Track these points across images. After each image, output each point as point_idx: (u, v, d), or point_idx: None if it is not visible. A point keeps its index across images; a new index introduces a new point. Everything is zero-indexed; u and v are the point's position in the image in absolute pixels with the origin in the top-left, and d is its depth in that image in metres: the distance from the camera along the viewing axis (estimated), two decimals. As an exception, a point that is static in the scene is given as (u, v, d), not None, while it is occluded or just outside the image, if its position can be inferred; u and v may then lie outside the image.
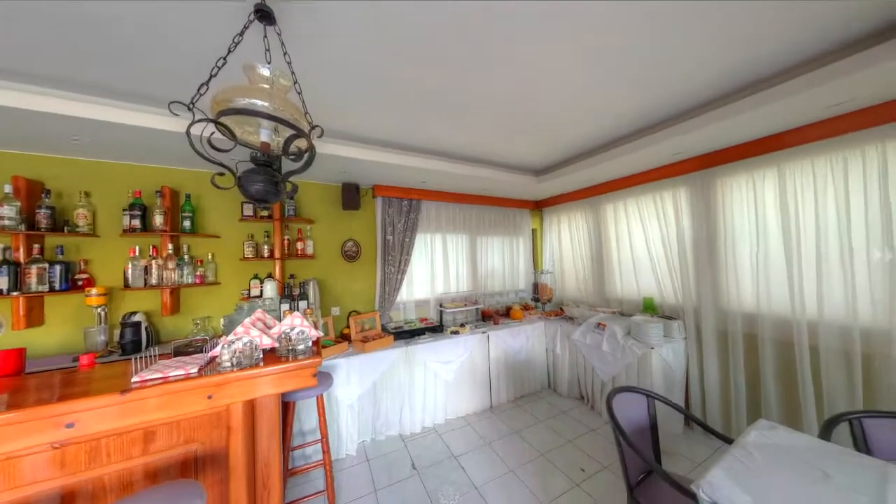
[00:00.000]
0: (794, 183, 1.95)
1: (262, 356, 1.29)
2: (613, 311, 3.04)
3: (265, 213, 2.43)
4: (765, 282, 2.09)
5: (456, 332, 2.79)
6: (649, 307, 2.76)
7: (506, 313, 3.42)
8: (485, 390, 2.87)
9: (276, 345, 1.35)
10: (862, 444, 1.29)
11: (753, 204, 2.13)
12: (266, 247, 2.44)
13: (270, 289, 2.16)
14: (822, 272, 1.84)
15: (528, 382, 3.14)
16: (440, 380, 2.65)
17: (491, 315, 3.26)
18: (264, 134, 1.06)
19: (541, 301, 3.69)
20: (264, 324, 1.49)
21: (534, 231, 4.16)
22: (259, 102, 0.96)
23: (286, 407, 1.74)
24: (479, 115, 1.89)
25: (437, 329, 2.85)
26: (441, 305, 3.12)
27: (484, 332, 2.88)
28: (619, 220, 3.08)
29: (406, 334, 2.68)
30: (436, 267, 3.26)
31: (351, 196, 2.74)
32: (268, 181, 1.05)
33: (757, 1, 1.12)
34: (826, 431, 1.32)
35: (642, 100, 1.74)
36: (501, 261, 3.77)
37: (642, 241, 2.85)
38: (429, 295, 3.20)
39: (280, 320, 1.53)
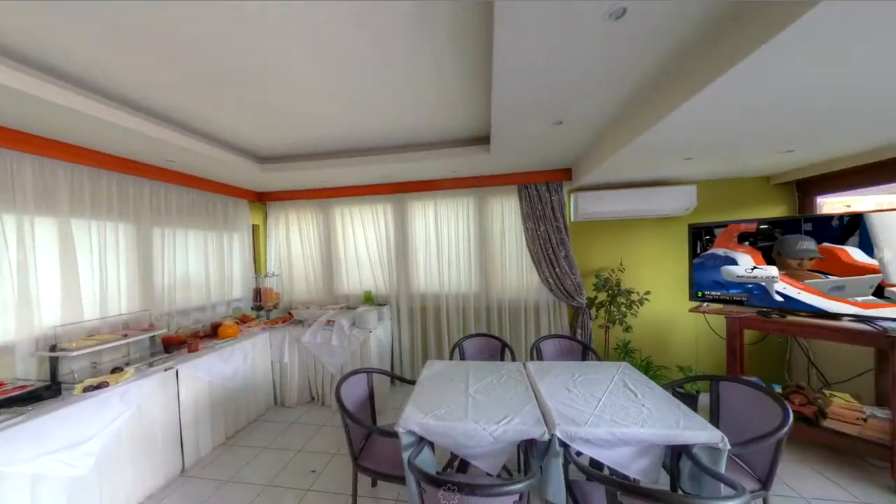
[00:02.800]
0: (442, 211, 3.25)
1: None
2: (341, 306, 3.33)
3: None
4: (429, 271, 3.28)
5: (93, 388, 1.66)
6: (368, 298, 3.34)
7: (213, 332, 2.60)
8: (170, 452, 1.99)
9: None
10: (461, 355, 2.43)
11: (424, 221, 3.28)
12: None
13: None
14: (451, 265, 3.23)
15: (248, 409, 2.61)
16: (59, 481, 1.46)
17: (183, 341, 2.32)
18: None
19: (265, 309, 3.20)
20: None
21: (255, 227, 3.52)
22: None
23: None
24: (186, 59, 1.29)
25: (46, 392, 1.54)
26: (56, 348, 1.73)
27: (167, 370, 1.98)
28: (346, 223, 3.43)
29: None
30: (44, 277, 1.76)
31: None
32: None
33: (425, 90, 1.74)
34: (451, 355, 2.35)
35: (362, 123, 2.07)
36: (204, 264, 2.82)
37: (364, 242, 3.39)
38: (21, 333, 1.66)
39: None
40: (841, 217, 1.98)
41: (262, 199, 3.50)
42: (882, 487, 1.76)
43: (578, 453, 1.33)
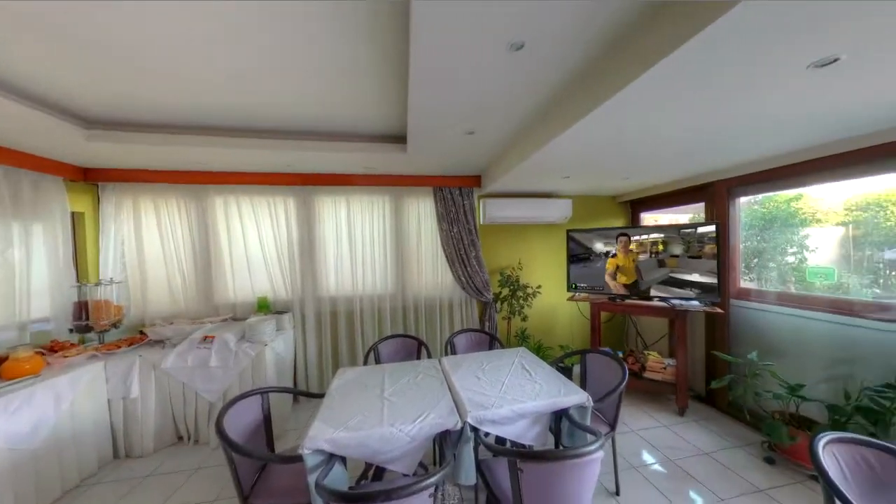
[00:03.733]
0: (356, 208, 3.05)
1: None
2: (224, 318, 2.73)
3: None
4: (341, 273, 3.04)
5: None
6: (264, 306, 2.84)
7: (-12, 374, 1.73)
8: None
9: None
10: (377, 359, 2.34)
11: (335, 218, 3.02)
12: None
13: None
14: (366, 265, 3.07)
15: (64, 475, 1.84)
16: None
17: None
18: None
19: (96, 329, 2.33)
20: None
21: (77, 216, 2.53)
22: None
23: None
24: None
25: None
26: None
27: None
28: (232, 216, 2.83)
29: None
30: None
31: None
32: None
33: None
34: (366, 360, 2.24)
35: (254, 100, 1.76)
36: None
37: (257, 240, 2.86)
38: None
39: None
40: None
41: (89, 178, 2.53)
42: (672, 412, 2.58)
43: (486, 434, 1.47)
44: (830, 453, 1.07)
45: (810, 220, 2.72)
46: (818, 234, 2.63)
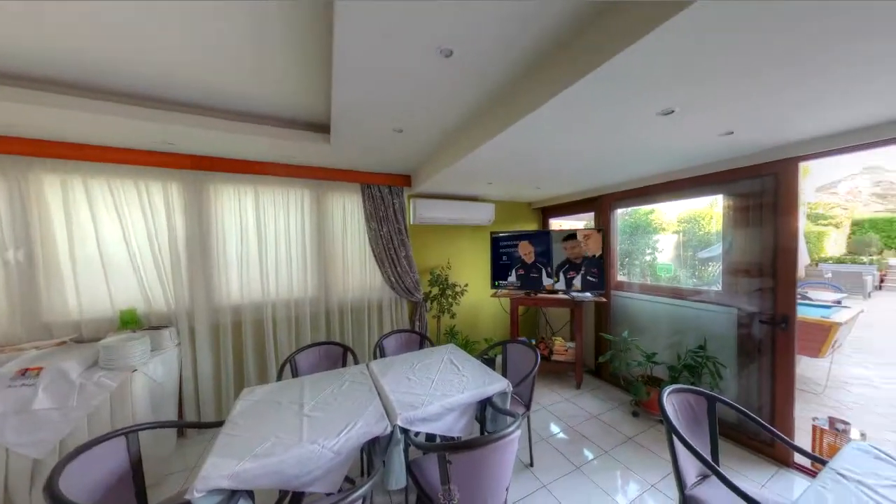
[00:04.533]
0: (268, 201, 2.64)
1: None
2: (61, 341, 2.01)
3: None
4: (246, 276, 2.59)
5: None
6: (130, 321, 2.21)
7: None
8: None
9: None
10: (294, 372, 2.09)
11: (239, 213, 2.56)
12: None
13: None
14: (280, 266, 2.69)
15: None
16: None
17: None
18: None
19: None
20: None
21: None
22: None
23: None
24: None
25: None
26: None
27: None
28: (78, 204, 2.11)
29: None
30: None
31: None
32: None
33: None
34: (280, 374, 1.97)
35: (119, 55, 1.36)
36: None
37: (120, 235, 2.20)
38: None
39: None
40: (561, 231, 3.30)
41: None
42: (572, 387, 3.07)
43: (416, 434, 1.46)
44: (669, 401, 1.43)
45: (659, 228, 3.63)
46: (664, 239, 3.52)
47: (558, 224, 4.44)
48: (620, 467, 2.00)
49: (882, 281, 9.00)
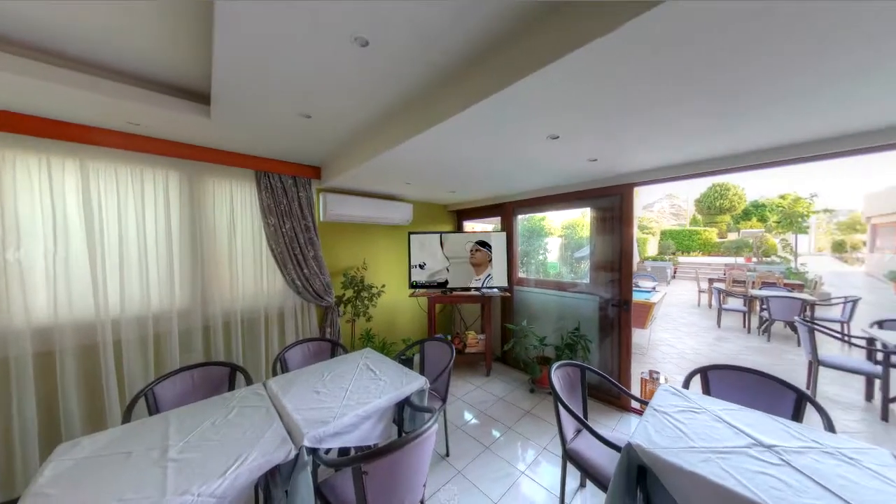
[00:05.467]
0: (103, 182, 1.93)
1: None
2: None
3: None
4: (65, 287, 1.84)
5: None
6: None
7: None
8: None
9: None
10: (153, 409, 1.61)
11: (51, 196, 1.79)
12: None
13: None
14: (130, 270, 2.01)
15: None
16: None
17: None
18: None
19: None
20: None
21: None
22: None
23: None
24: None
25: None
26: None
27: None
28: None
29: None
30: None
31: None
32: None
33: None
34: (128, 415, 1.47)
35: None
36: None
37: None
38: None
39: None
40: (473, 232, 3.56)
41: None
42: (483, 375, 3.38)
43: (327, 451, 1.33)
44: (556, 375, 1.74)
45: (549, 232, 4.35)
46: (552, 241, 4.25)
47: (471, 226, 4.80)
48: (521, 438, 2.31)
49: (675, 272, 13.49)
